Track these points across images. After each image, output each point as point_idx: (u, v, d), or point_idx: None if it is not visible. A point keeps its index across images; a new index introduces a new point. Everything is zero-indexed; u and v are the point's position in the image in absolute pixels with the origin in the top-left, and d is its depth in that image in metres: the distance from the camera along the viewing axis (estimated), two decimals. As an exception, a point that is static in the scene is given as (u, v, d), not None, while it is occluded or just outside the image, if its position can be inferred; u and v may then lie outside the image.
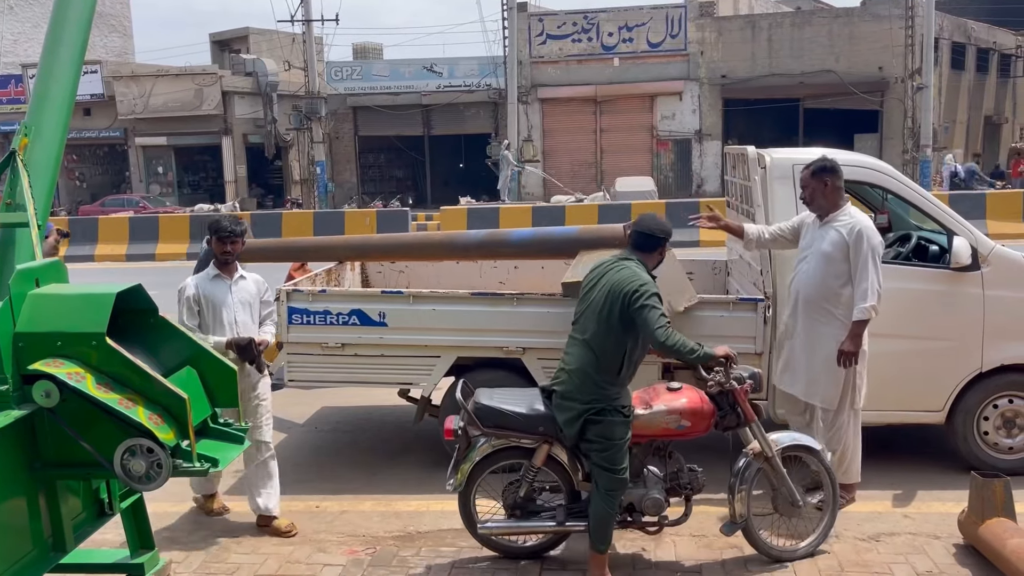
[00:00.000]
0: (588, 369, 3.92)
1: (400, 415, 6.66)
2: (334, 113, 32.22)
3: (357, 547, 4.52)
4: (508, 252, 5.71)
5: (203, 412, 3.46)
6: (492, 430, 4.10)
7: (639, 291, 3.84)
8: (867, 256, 4.51)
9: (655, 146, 30.14)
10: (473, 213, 17.92)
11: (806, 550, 4.24)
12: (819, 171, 4.67)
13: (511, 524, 4.22)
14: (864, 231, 4.54)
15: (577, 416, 3.93)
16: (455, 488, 4.18)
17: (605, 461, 3.91)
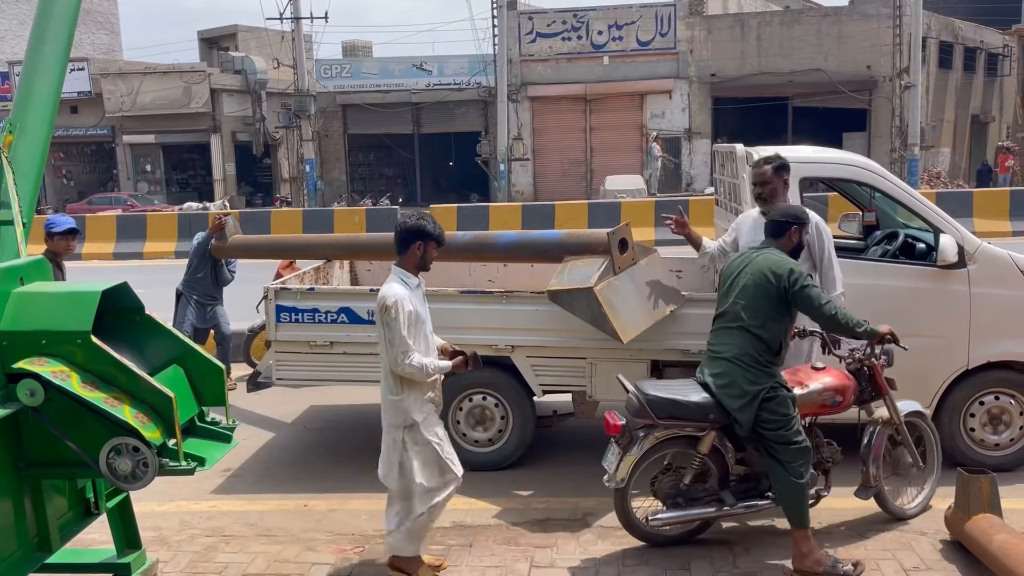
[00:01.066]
0: (753, 354, 4.05)
1: (389, 413, 6.64)
2: (323, 111, 32.12)
3: (346, 545, 4.51)
4: (494, 255, 5.65)
5: (190, 411, 3.44)
6: (665, 420, 4.17)
7: (793, 273, 4.02)
8: (830, 247, 4.64)
9: (645, 144, 30.17)
10: (463, 211, 17.89)
11: (922, 505, 4.60)
12: (781, 168, 4.66)
13: (682, 514, 4.27)
14: (820, 223, 4.64)
15: (752, 400, 4.03)
16: (617, 484, 4.21)
17: (786, 436, 4.02)
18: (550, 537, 4.52)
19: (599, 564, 4.21)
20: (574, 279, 4.80)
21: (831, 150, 6.13)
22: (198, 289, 7.44)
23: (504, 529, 4.64)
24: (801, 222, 4.23)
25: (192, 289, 7.44)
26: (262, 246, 6.83)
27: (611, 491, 4.84)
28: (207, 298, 7.48)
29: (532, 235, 5.65)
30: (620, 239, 4.81)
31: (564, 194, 26.42)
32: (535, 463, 5.57)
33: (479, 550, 4.39)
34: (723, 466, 4.28)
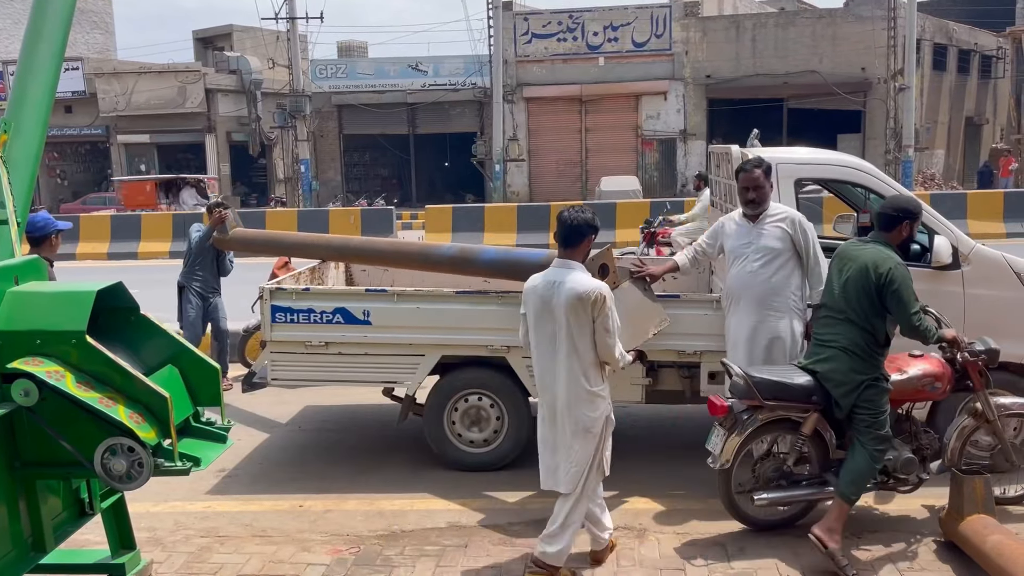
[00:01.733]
0: (862, 344, 4.19)
1: (384, 414, 6.64)
2: (319, 111, 32.08)
3: (341, 546, 4.50)
4: (476, 271, 5.55)
5: (185, 411, 3.43)
6: (770, 401, 4.30)
7: (891, 273, 4.10)
8: (815, 242, 4.74)
9: (640, 145, 30.21)
10: (459, 212, 17.89)
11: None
12: (768, 170, 4.77)
13: (786, 494, 4.41)
14: (804, 220, 4.74)
15: (855, 388, 4.18)
16: (722, 465, 4.34)
17: (874, 425, 4.18)
18: (545, 537, 4.51)
19: (593, 564, 4.21)
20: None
21: (825, 151, 6.15)
22: (199, 280, 7.49)
23: (499, 529, 4.64)
24: (912, 216, 4.30)
25: (193, 280, 7.50)
26: (261, 241, 6.76)
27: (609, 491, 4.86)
28: (209, 289, 7.56)
29: (514, 254, 5.49)
30: (600, 265, 4.66)
31: (559, 195, 26.45)
32: (530, 463, 5.55)
33: (474, 550, 4.39)
34: (824, 450, 4.41)
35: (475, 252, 5.60)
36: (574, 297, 3.82)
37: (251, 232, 6.60)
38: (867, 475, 4.23)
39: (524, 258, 5.31)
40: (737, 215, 4.93)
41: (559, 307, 3.85)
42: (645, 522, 4.67)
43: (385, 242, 6.27)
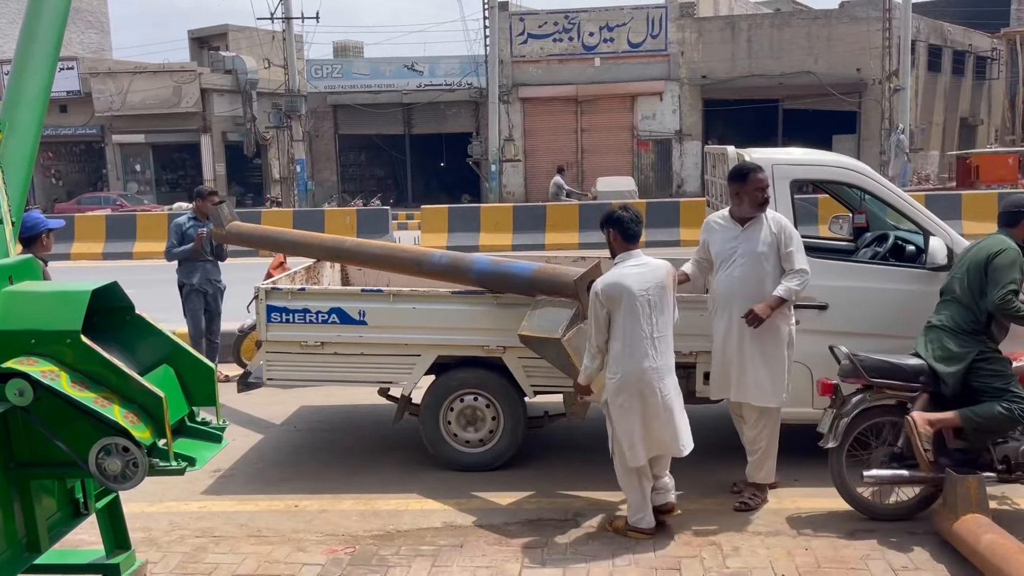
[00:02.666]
0: (960, 322, 4.43)
1: (380, 414, 6.64)
2: (314, 111, 32.06)
3: (336, 546, 4.50)
4: (466, 281, 5.44)
5: (180, 411, 3.43)
6: (877, 380, 4.47)
7: (1002, 253, 4.38)
8: (799, 242, 4.73)
9: (636, 146, 30.24)
10: (455, 212, 17.89)
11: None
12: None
13: (895, 472, 4.45)
14: (789, 224, 4.78)
15: (958, 362, 4.40)
16: (830, 443, 4.48)
17: (1005, 387, 4.36)
18: (541, 537, 4.52)
19: (590, 564, 4.22)
20: (544, 325, 4.81)
21: (821, 152, 6.16)
22: (199, 275, 7.50)
23: (495, 529, 4.64)
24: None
25: (193, 276, 7.49)
26: (257, 237, 6.61)
27: (603, 488, 4.89)
28: (210, 283, 7.55)
29: (505, 266, 5.35)
30: (589, 283, 4.62)
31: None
32: (526, 463, 5.58)
33: (470, 550, 4.39)
34: (937, 434, 4.42)
35: (466, 262, 5.46)
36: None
37: (247, 227, 6.49)
38: (995, 419, 4.31)
39: (513, 271, 5.23)
40: (721, 216, 4.92)
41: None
42: (640, 522, 4.67)
43: (378, 245, 6.09)
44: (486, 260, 5.51)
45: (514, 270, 5.24)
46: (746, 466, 4.87)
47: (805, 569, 4.11)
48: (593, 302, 4.36)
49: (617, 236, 4.44)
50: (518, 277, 5.14)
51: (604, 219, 4.49)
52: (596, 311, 4.35)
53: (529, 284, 5.11)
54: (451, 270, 5.48)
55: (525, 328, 4.86)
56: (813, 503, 4.86)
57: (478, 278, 5.35)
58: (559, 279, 5.01)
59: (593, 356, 4.43)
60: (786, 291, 4.61)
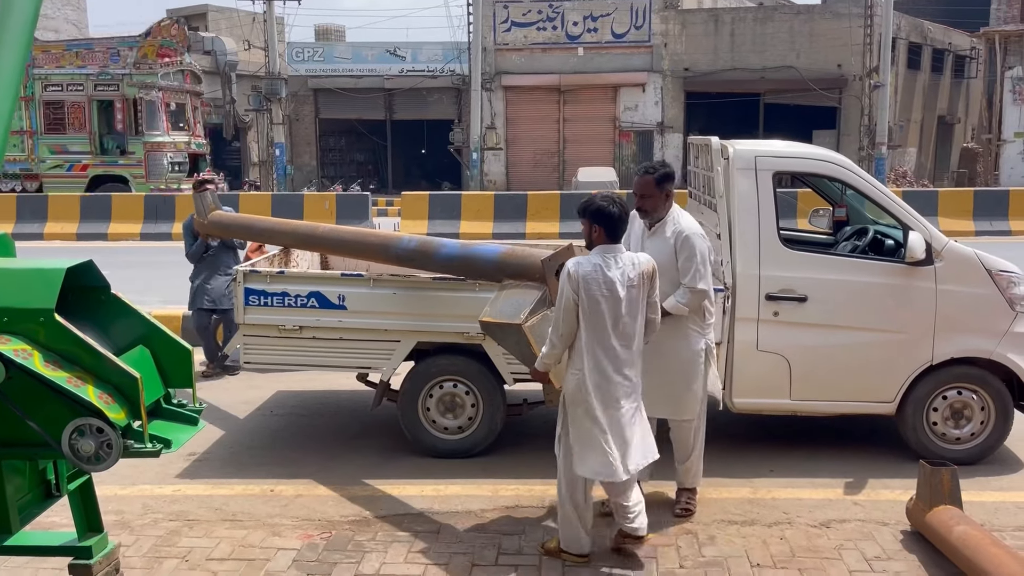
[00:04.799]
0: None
1: (357, 400, 6.60)
2: (294, 95, 31.74)
3: (312, 531, 4.47)
4: (433, 267, 5.21)
5: (156, 392, 3.39)
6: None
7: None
8: (701, 257, 4.40)
9: (617, 137, 30.26)
10: (435, 199, 17.80)
11: None
12: (663, 179, 4.51)
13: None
14: (692, 236, 4.42)
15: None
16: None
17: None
18: (518, 524, 4.52)
19: (567, 552, 4.22)
20: (505, 310, 4.42)
21: (804, 145, 6.20)
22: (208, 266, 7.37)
23: (472, 516, 4.63)
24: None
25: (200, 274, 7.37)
26: (238, 226, 6.44)
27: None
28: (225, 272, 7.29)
29: (472, 250, 5.09)
30: (559, 265, 4.19)
31: (536, 184, 26.39)
32: (504, 451, 5.57)
33: (446, 536, 4.38)
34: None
35: (433, 246, 5.18)
36: None
37: (228, 216, 6.38)
38: None
39: (480, 255, 4.99)
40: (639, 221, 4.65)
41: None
42: (617, 510, 4.68)
43: (348, 231, 5.90)
44: (454, 244, 5.25)
45: (480, 253, 5.01)
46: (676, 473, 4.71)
47: (780, 558, 4.15)
48: (563, 285, 3.89)
49: (601, 233, 3.95)
50: (485, 260, 4.92)
51: (588, 211, 3.97)
52: (566, 295, 3.87)
53: (496, 268, 4.85)
54: (418, 255, 5.24)
55: (486, 314, 4.48)
56: (788, 493, 4.90)
57: (445, 262, 5.12)
58: (526, 261, 4.70)
59: (553, 344, 3.99)
60: (671, 305, 4.35)
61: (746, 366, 5.16)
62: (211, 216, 6.23)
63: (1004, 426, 5.26)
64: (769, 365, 5.15)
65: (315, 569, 4.08)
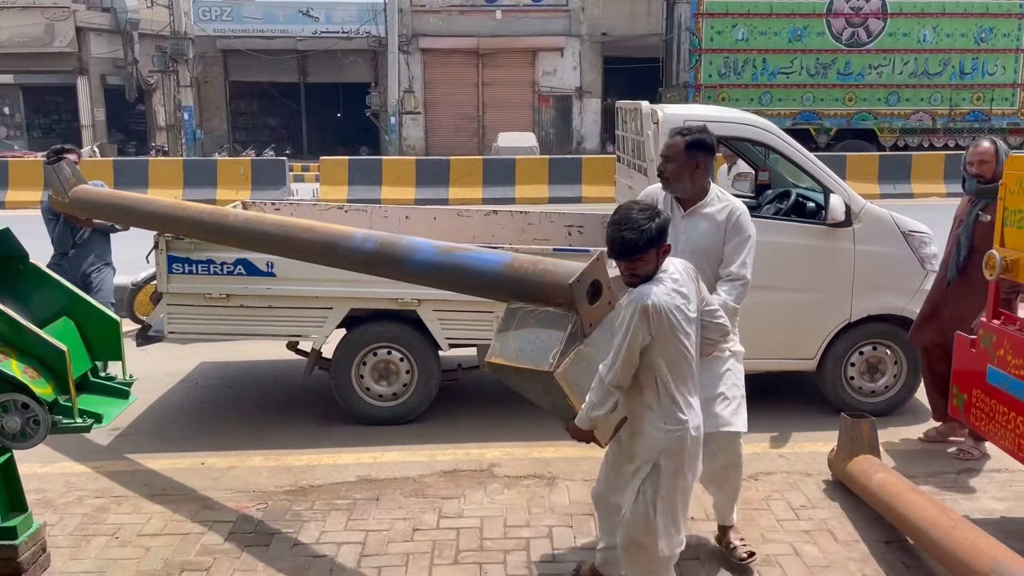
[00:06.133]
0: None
1: (287, 369, 6.49)
2: (202, 56, 30.48)
3: (247, 503, 4.39)
4: (403, 276, 3.91)
5: (83, 365, 3.25)
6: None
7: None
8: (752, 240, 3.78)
9: (537, 102, 30.22)
10: (355, 165, 17.46)
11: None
12: (694, 145, 3.67)
13: None
14: (748, 215, 3.80)
15: None
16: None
17: None
18: (457, 488, 4.55)
19: (506, 512, 4.27)
20: (526, 351, 3.20)
21: (731, 110, 6.31)
22: (78, 258, 6.01)
23: (411, 482, 4.63)
24: None
25: (65, 261, 5.97)
26: (111, 206, 4.87)
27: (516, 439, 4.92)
28: (97, 264, 6.11)
29: (460, 257, 3.62)
30: (591, 283, 3.17)
31: (456, 149, 26.19)
32: (440, 416, 5.57)
33: (386, 503, 4.37)
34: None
35: (402, 249, 3.74)
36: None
37: (97, 193, 4.95)
38: None
39: (474, 265, 3.56)
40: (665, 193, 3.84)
41: None
42: (554, 470, 4.76)
43: (273, 222, 4.16)
44: (430, 247, 3.71)
45: (475, 263, 3.57)
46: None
47: (711, 511, 4.28)
48: (634, 322, 2.95)
49: (669, 246, 3.09)
50: (480, 274, 3.52)
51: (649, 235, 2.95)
52: (635, 335, 2.95)
53: (498, 285, 3.48)
54: (379, 260, 3.81)
55: (497, 353, 3.24)
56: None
57: (419, 272, 3.74)
58: (546, 279, 3.28)
59: (607, 395, 3.03)
60: (732, 311, 3.64)
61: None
62: (73, 193, 4.92)
63: (915, 379, 5.54)
64: (698, 325, 5.28)
65: (253, 540, 4.02)
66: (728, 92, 22.06)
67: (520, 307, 3.35)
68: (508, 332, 3.29)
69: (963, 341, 4.32)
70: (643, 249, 2.93)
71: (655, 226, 2.94)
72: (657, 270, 3.02)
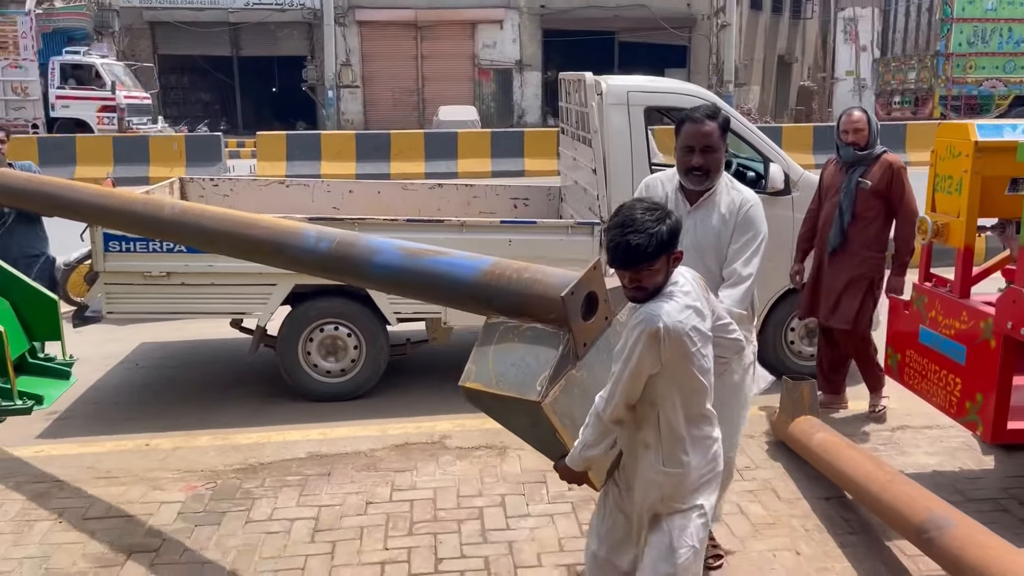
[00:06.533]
0: None
1: (230, 348, 6.39)
2: (128, 28, 29.43)
3: (196, 482, 4.33)
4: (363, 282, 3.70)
5: (20, 346, 3.15)
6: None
7: None
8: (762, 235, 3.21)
9: (477, 75, 30.02)
10: (293, 139, 17.14)
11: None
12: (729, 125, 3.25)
13: None
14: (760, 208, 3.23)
15: None
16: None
17: None
18: (409, 461, 4.56)
19: (459, 483, 4.30)
20: (508, 375, 2.69)
21: (673, 80, 6.36)
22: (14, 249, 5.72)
23: (362, 456, 4.62)
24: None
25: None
26: (31, 193, 4.22)
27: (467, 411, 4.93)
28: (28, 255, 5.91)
29: (429, 263, 3.13)
30: (586, 295, 2.69)
31: (396, 123, 25.91)
32: (390, 391, 5.56)
33: (338, 478, 4.36)
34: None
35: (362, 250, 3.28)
36: None
37: (18, 177, 4.40)
38: None
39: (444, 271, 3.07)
40: (670, 184, 3.32)
41: None
42: (506, 440, 4.77)
43: (212, 215, 3.67)
44: (393, 251, 3.20)
45: (448, 268, 3.05)
46: None
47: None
48: (643, 349, 2.41)
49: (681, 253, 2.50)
50: (455, 281, 3.01)
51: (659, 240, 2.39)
52: (640, 364, 2.42)
53: (475, 295, 2.99)
54: (335, 263, 3.36)
55: (473, 376, 2.74)
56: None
57: (382, 278, 3.32)
58: (534, 291, 2.80)
59: (604, 432, 2.55)
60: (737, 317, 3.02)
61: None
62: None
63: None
64: (643, 294, 5.36)
65: (203, 519, 3.97)
66: (975, 60, 22.75)
67: (501, 322, 2.86)
68: (487, 351, 2.80)
69: (897, 304, 4.49)
70: (652, 257, 2.39)
71: (666, 229, 2.40)
72: (666, 282, 2.47)
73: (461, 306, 3.18)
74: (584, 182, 5.84)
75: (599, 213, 5.32)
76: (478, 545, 3.72)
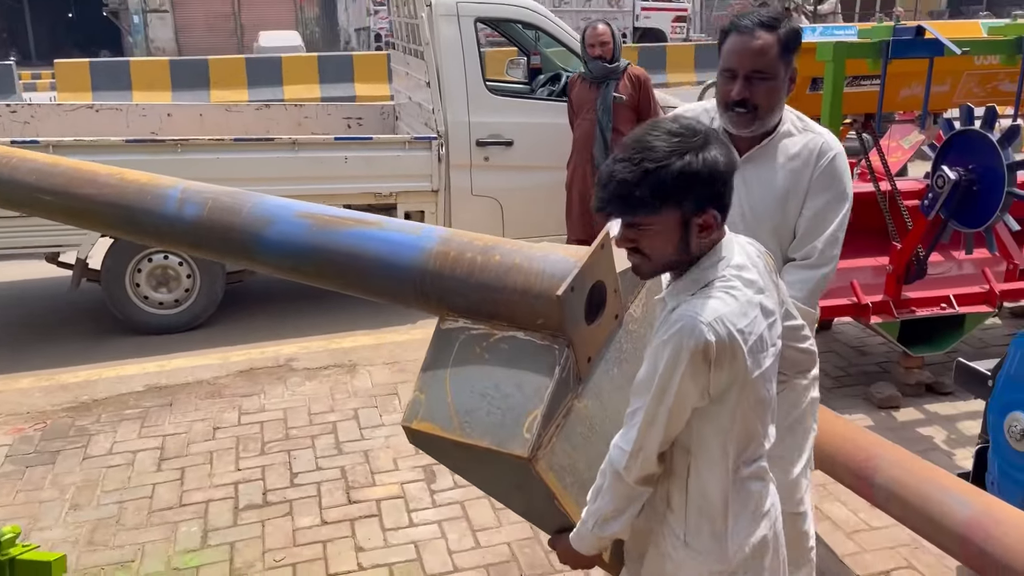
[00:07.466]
0: None
1: (47, 286, 5.96)
2: None
3: (22, 425, 4.07)
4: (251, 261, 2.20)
5: None
6: None
7: None
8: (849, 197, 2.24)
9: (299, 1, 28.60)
10: (97, 68, 15.74)
11: None
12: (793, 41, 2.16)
13: None
14: (842, 159, 2.24)
15: None
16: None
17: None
18: (256, 385, 4.47)
19: (309, 402, 4.28)
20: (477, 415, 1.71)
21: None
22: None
23: (205, 384, 4.48)
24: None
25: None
26: None
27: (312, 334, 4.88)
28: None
29: (349, 238, 1.98)
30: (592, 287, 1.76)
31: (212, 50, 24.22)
32: (230, 319, 5.39)
33: (181, 407, 4.22)
34: None
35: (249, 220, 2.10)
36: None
37: None
38: None
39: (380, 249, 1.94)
40: (705, 110, 2.32)
41: None
42: (355, 358, 4.79)
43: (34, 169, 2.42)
44: (294, 218, 2.06)
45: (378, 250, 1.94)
46: None
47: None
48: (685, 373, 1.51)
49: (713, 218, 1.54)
50: (390, 268, 1.92)
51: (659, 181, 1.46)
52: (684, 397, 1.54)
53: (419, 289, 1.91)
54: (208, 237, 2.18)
55: (421, 412, 1.78)
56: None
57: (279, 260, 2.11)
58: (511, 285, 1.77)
59: (629, 497, 1.64)
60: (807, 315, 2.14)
61: (462, 211, 5.40)
62: None
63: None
64: (483, 208, 5.44)
65: (35, 460, 3.75)
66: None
67: (461, 327, 1.83)
68: (441, 375, 1.79)
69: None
70: (642, 205, 1.49)
71: (678, 167, 1.47)
72: (688, 255, 1.56)
73: (400, 303, 2.02)
74: (418, 98, 5.78)
75: (435, 128, 5.30)
76: (333, 457, 3.74)
